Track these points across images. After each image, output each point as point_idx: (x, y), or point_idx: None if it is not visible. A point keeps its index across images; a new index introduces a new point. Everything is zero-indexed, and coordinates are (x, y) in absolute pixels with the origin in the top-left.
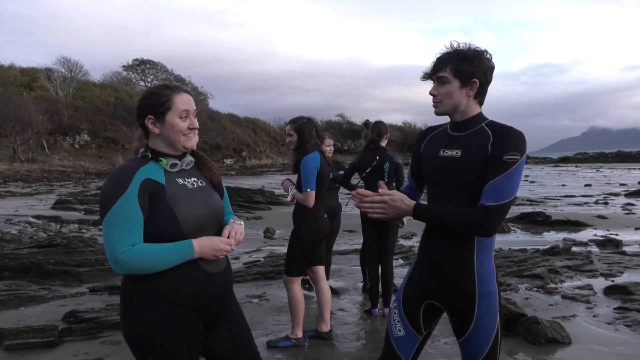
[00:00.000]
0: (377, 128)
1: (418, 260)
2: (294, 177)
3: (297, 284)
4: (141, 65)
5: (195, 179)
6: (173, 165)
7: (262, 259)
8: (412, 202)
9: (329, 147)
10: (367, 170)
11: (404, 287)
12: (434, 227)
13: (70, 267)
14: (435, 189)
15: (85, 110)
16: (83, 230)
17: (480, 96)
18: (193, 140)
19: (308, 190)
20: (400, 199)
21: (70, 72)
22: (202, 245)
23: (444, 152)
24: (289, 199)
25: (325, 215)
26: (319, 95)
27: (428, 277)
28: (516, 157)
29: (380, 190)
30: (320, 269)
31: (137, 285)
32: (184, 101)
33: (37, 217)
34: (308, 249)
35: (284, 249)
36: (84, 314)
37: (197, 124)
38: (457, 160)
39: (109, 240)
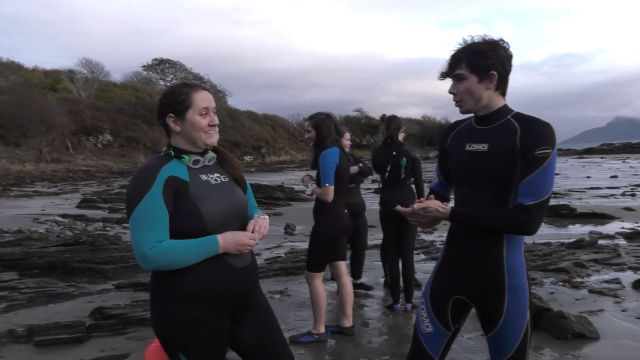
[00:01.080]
0: (391, 123)
1: (445, 255)
2: (314, 174)
3: (318, 279)
4: (160, 64)
5: (218, 175)
6: (196, 162)
7: (283, 255)
8: (448, 209)
9: (347, 140)
10: (388, 169)
11: (430, 283)
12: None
13: (96, 264)
14: (462, 184)
15: (107, 110)
16: (108, 228)
17: (501, 87)
18: (214, 137)
19: (327, 184)
20: (435, 208)
21: (92, 73)
22: (227, 240)
23: (470, 146)
24: (307, 192)
25: (346, 211)
26: (336, 91)
27: (456, 272)
28: (548, 150)
29: (415, 204)
30: (342, 264)
31: (165, 281)
32: (203, 98)
33: (63, 216)
34: (328, 244)
35: (304, 245)
36: (110, 310)
37: (217, 121)
38: (483, 154)
39: (135, 238)
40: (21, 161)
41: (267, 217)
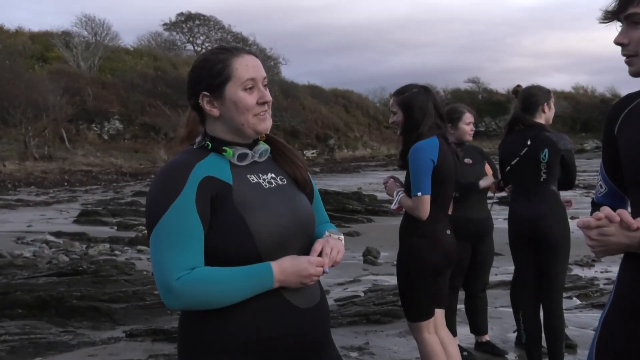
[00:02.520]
0: (526, 97)
1: (617, 299)
2: (403, 175)
3: (427, 331)
4: (188, 21)
5: (273, 175)
6: (242, 157)
7: (363, 294)
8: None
9: (468, 126)
10: (512, 163)
11: (597, 341)
12: None
13: (101, 302)
14: None
15: (115, 88)
16: (116, 252)
17: None
18: (267, 122)
19: (419, 194)
20: (618, 227)
21: (95, 35)
22: (284, 269)
23: None
24: (393, 207)
25: (449, 232)
26: (438, 53)
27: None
28: None
29: (596, 214)
30: (439, 313)
31: (200, 327)
32: (247, 66)
33: (57, 234)
34: (425, 279)
35: (392, 280)
36: None
37: (269, 97)
38: None
39: (158, 264)
40: (0, 158)
41: (342, 236)
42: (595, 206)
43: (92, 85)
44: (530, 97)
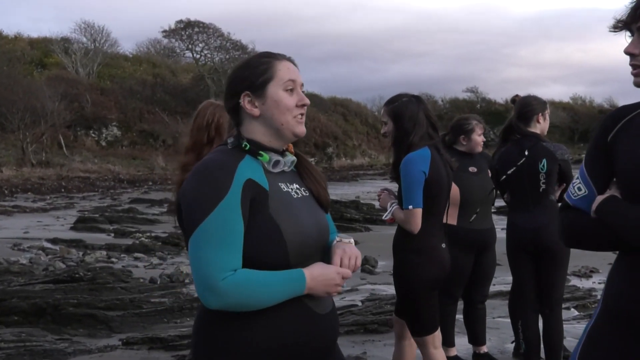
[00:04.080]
0: (521, 106)
1: (604, 309)
2: (396, 187)
3: (433, 346)
4: (187, 28)
5: (297, 187)
6: (275, 164)
7: (360, 304)
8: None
9: (480, 137)
10: (509, 172)
11: (579, 350)
12: None
13: (97, 309)
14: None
15: (114, 94)
16: (113, 260)
17: None
18: (303, 126)
19: (410, 207)
20: None
21: (94, 41)
22: (315, 277)
23: None
24: (386, 217)
25: (444, 245)
26: (436, 62)
27: (626, 338)
28: None
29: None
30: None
31: (222, 332)
32: (288, 69)
33: (53, 241)
34: (424, 294)
35: (390, 289)
36: None
37: (307, 100)
38: None
39: (203, 261)
40: None
41: (352, 241)
42: (570, 210)
43: (90, 91)
44: (525, 107)
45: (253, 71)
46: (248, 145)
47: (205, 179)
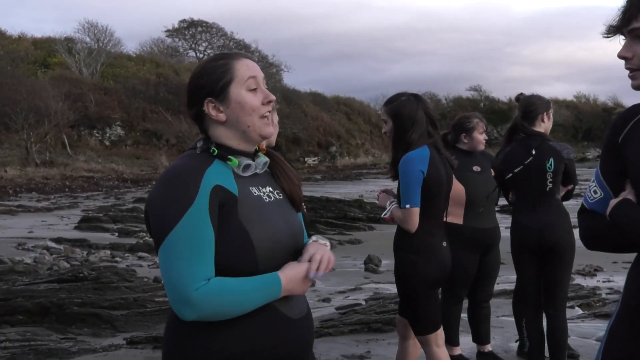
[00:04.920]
0: (526, 106)
1: (624, 307)
2: (397, 187)
3: (436, 344)
4: (190, 28)
5: (270, 189)
6: (246, 168)
7: (364, 302)
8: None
9: (482, 135)
10: (515, 171)
11: (602, 350)
12: None
13: (102, 309)
14: None
15: (117, 94)
16: (117, 259)
17: None
18: (271, 128)
19: (407, 206)
20: None
21: (98, 41)
22: (290, 279)
23: None
24: (385, 215)
25: (445, 244)
26: (439, 61)
27: None
28: None
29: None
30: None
31: (192, 339)
32: (247, 67)
33: (58, 240)
34: (425, 294)
35: (394, 288)
36: None
37: (272, 96)
38: None
39: (173, 273)
40: (1, 164)
41: (328, 243)
42: (587, 213)
43: (94, 91)
44: (529, 106)
45: (211, 76)
46: (216, 151)
47: (171, 186)
